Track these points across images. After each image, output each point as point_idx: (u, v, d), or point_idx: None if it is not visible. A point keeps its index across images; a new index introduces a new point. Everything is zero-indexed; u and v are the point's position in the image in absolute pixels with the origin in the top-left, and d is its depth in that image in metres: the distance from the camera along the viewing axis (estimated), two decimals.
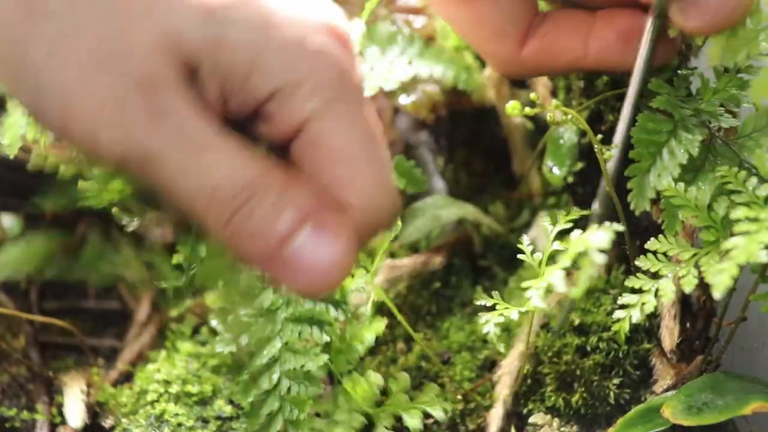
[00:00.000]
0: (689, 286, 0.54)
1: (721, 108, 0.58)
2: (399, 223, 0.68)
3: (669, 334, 0.70)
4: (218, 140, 0.44)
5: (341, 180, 0.46)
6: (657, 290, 0.56)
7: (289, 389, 0.65)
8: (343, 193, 0.46)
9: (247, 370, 0.65)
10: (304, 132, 0.46)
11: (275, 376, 0.65)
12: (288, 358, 0.65)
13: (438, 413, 0.67)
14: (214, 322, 0.67)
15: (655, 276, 0.57)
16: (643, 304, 0.56)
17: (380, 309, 0.79)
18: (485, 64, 0.88)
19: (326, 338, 0.65)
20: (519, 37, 0.62)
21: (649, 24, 0.56)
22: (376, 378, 0.69)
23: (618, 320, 0.58)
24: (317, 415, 0.68)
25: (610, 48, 0.59)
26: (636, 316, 0.56)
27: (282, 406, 0.64)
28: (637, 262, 0.58)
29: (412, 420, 0.67)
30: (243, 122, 0.47)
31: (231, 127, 0.46)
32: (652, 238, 0.58)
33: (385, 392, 0.70)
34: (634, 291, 0.58)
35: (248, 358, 0.65)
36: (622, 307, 0.58)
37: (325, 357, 0.65)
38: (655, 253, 0.57)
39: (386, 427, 0.67)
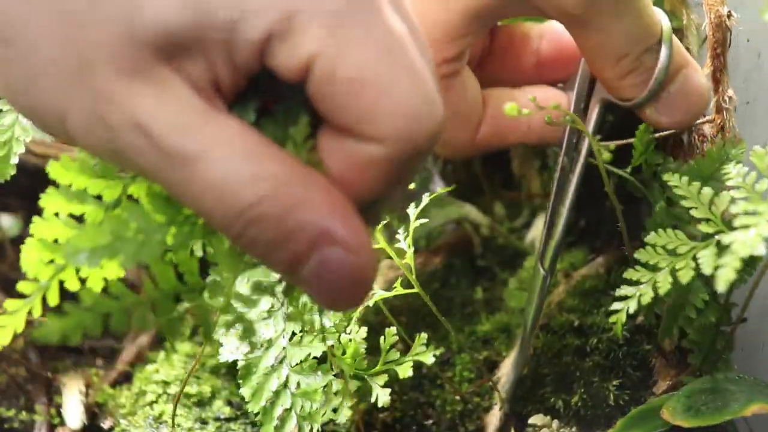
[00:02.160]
0: (686, 278, 0.54)
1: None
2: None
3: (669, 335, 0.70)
4: (219, 124, 0.41)
5: (364, 115, 0.40)
6: (655, 282, 0.56)
7: (298, 384, 0.65)
8: (370, 129, 0.40)
9: (256, 374, 0.65)
10: (311, 72, 0.40)
11: (284, 374, 0.65)
12: (294, 354, 0.65)
13: (429, 360, 0.66)
14: (219, 332, 0.66)
15: (654, 269, 0.56)
16: (640, 295, 0.56)
17: (379, 311, 0.79)
18: None
19: (327, 322, 0.65)
20: (477, 123, 0.65)
21: (595, 111, 0.64)
22: (361, 332, 0.68)
23: (615, 311, 0.58)
24: None
25: (545, 124, 0.62)
26: (633, 307, 0.56)
27: (294, 402, 0.64)
28: (636, 255, 0.58)
29: (403, 371, 0.66)
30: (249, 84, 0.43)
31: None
32: (652, 232, 0.58)
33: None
34: (632, 283, 0.58)
35: (255, 363, 0.65)
36: (619, 299, 0.58)
37: (327, 343, 0.64)
38: (654, 246, 0.57)
39: (381, 386, 0.66)
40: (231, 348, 0.66)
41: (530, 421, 0.71)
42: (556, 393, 0.71)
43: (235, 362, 0.78)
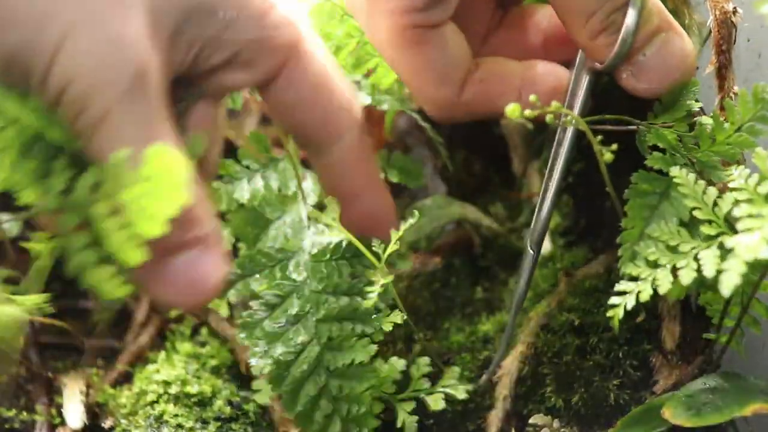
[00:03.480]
0: (687, 278, 0.53)
1: (716, 158, 0.60)
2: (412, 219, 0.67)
3: (669, 335, 0.70)
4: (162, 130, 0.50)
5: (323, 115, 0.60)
6: (654, 279, 0.55)
7: (340, 388, 0.64)
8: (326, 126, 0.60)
9: (289, 379, 0.64)
10: (280, 77, 0.58)
11: (322, 379, 0.64)
12: (332, 358, 0.64)
13: (461, 394, 0.67)
14: (241, 335, 0.65)
15: (654, 265, 0.56)
16: (639, 292, 0.56)
17: (379, 309, 0.79)
18: None
19: (370, 330, 0.64)
20: (460, 82, 0.64)
21: (585, 80, 0.63)
22: (398, 363, 0.68)
23: (614, 306, 0.58)
24: None
25: (542, 98, 0.61)
26: (631, 303, 0.56)
27: (337, 407, 0.63)
28: (636, 248, 0.58)
29: (435, 403, 0.66)
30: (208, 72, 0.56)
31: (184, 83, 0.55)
32: (654, 224, 0.58)
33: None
34: (632, 279, 0.57)
35: (286, 368, 0.64)
36: (618, 294, 0.58)
37: (374, 347, 0.63)
38: (655, 240, 0.57)
39: (408, 412, 0.66)
40: (260, 352, 0.65)
41: (531, 420, 0.71)
42: (556, 392, 0.71)
43: (235, 363, 0.78)
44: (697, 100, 0.62)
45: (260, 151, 0.71)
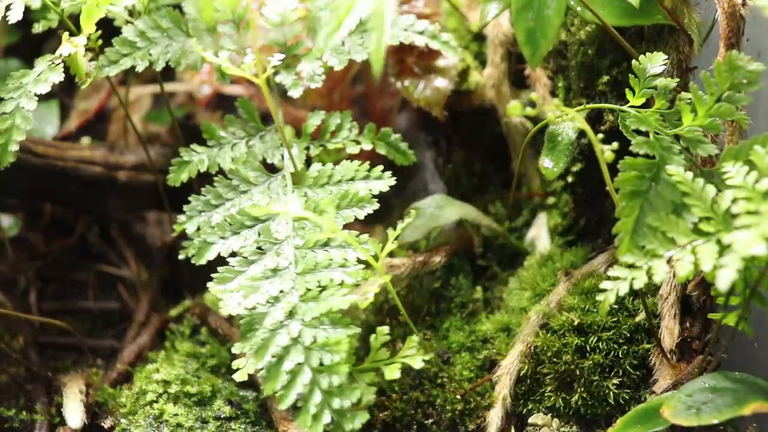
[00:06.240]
0: (684, 270, 0.53)
1: (700, 133, 0.60)
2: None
3: (669, 334, 0.70)
4: None
5: None
6: (650, 269, 0.55)
7: (315, 339, 0.62)
8: None
9: (260, 330, 0.62)
10: None
11: (295, 329, 0.62)
12: (307, 309, 0.63)
13: (418, 364, 0.66)
14: (217, 286, 0.65)
15: (652, 255, 0.56)
16: (633, 279, 0.56)
17: (380, 309, 0.79)
18: (485, 63, 0.87)
19: (351, 279, 0.63)
20: None
21: None
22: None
23: (604, 291, 0.57)
24: None
25: None
26: (624, 289, 0.56)
27: (308, 356, 0.61)
28: (634, 236, 0.57)
29: (391, 373, 0.65)
30: None
31: None
32: (649, 212, 0.58)
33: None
34: (628, 267, 0.57)
35: (259, 319, 0.63)
36: (610, 279, 0.57)
37: (352, 297, 0.62)
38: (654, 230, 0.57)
39: (368, 384, 0.65)
40: (233, 303, 0.65)
41: (530, 420, 0.71)
42: (556, 392, 0.71)
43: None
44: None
45: (248, 120, 0.74)
